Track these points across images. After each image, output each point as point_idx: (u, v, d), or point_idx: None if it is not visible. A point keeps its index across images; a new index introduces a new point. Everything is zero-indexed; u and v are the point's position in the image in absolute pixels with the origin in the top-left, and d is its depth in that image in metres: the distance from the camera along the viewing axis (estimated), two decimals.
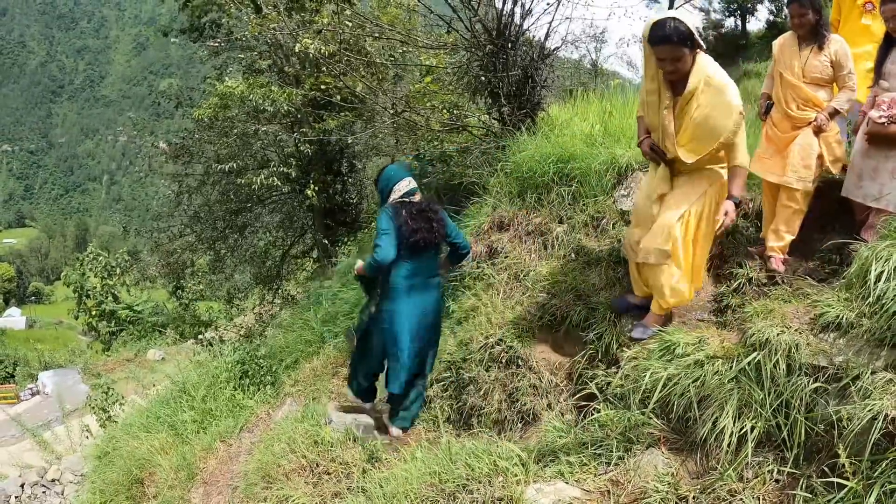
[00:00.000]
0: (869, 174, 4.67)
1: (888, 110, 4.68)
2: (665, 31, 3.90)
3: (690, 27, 3.89)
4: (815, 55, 4.84)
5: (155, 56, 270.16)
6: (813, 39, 4.85)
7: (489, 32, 7.09)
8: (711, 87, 4.00)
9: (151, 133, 16.53)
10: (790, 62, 4.92)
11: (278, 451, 5.33)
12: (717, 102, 4.00)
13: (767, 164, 4.95)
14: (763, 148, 5.09)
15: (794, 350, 3.30)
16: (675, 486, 3.17)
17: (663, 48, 3.94)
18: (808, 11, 4.80)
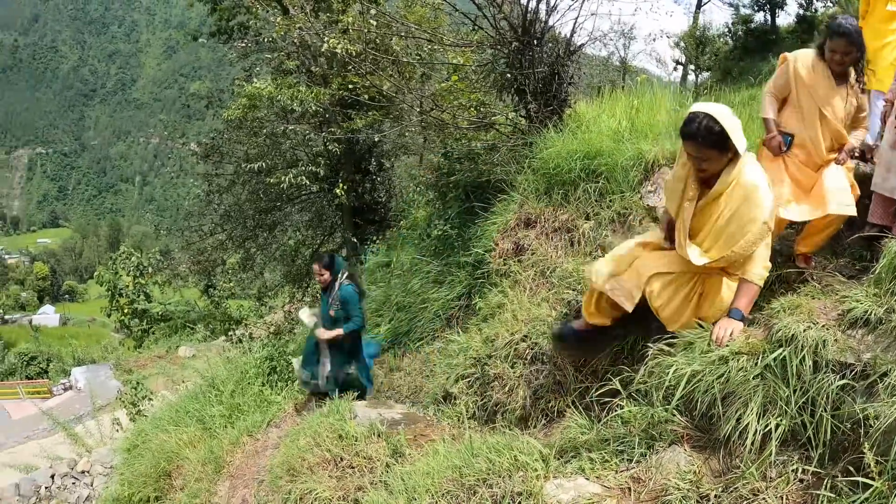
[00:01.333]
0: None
1: None
2: (692, 128, 3.57)
3: (727, 128, 3.50)
4: (851, 98, 4.49)
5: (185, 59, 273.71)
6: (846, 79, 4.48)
7: (514, 30, 7.07)
8: (736, 187, 3.61)
9: (182, 135, 16.75)
10: (829, 100, 4.46)
11: (303, 446, 5.39)
12: (741, 204, 3.59)
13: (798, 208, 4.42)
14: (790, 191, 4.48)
15: (820, 346, 3.23)
16: (697, 483, 3.14)
17: (689, 144, 3.65)
18: (853, 50, 4.39)
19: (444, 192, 7.84)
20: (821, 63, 4.45)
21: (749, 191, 3.55)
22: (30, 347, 41.45)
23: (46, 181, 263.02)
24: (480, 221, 6.79)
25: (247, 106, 11.34)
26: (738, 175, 3.59)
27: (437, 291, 6.92)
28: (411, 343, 6.91)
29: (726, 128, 3.49)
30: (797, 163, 4.52)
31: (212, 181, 13.83)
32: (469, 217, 7.14)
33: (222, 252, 14.38)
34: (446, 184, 7.77)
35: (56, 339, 51.44)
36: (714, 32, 27.71)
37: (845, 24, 4.36)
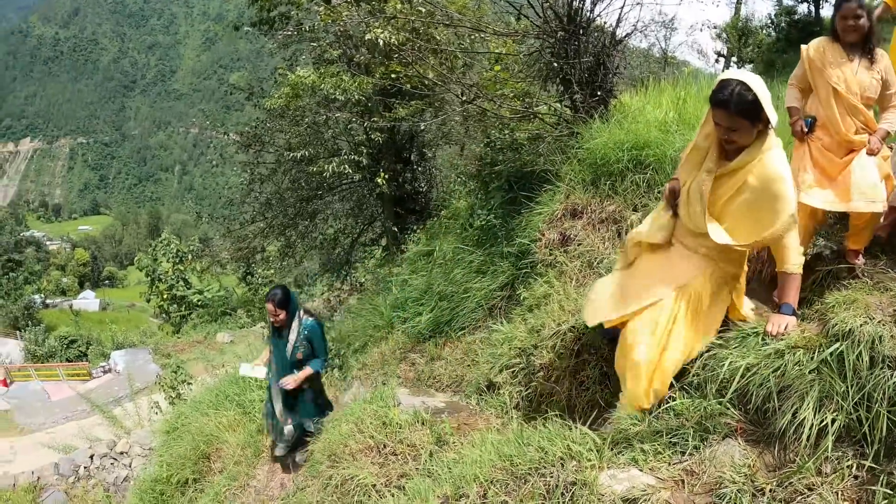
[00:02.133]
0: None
1: None
2: (724, 95, 3.41)
3: (760, 98, 3.36)
4: (868, 71, 4.36)
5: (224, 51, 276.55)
6: (861, 50, 4.38)
7: (560, 19, 7.04)
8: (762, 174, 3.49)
9: (222, 124, 16.92)
10: (844, 76, 4.37)
11: (345, 432, 5.41)
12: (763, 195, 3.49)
13: (823, 194, 4.34)
14: (813, 176, 4.43)
15: (877, 342, 3.19)
16: (752, 477, 3.12)
17: (719, 112, 3.48)
18: (863, 14, 4.31)
19: (486, 182, 7.83)
20: (832, 44, 4.43)
21: (774, 180, 3.44)
22: (70, 331, 42.37)
23: (87, 170, 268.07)
24: (525, 212, 6.76)
25: (290, 94, 11.41)
26: (763, 156, 3.47)
27: (479, 281, 6.91)
28: (452, 332, 6.92)
29: (759, 97, 3.36)
30: (820, 147, 4.46)
31: (253, 170, 13.94)
32: (512, 207, 7.12)
33: (262, 240, 14.52)
34: (489, 174, 7.75)
35: (96, 323, 52.48)
36: (757, 24, 27.23)
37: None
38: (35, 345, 40.08)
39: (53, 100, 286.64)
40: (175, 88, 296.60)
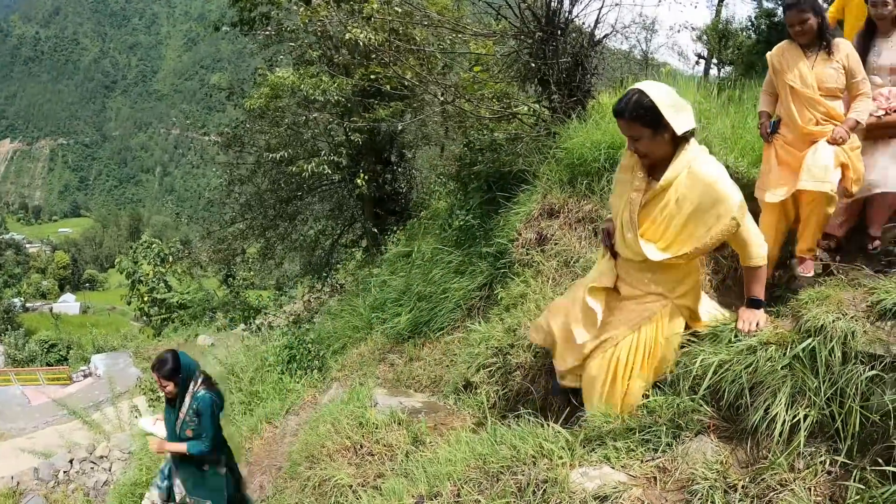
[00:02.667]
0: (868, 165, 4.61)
1: (887, 103, 4.63)
2: (621, 104, 3.34)
3: (658, 104, 3.22)
4: (825, 63, 4.49)
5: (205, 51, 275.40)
6: (818, 45, 4.53)
7: (538, 20, 7.06)
8: (693, 183, 3.34)
9: (203, 126, 16.84)
10: (800, 72, 4.53)
11: (323, 433, 5.42)
12: (701, 203, 3.33)
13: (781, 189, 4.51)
14: (776, 174, 4.60)
15: (849, 337, 3.19)
16: (724, 474, 3.12)
17: (619, 123, 3.41)
18: (808, 16, 4.44)
19: (465, 183, 7.83)
20: (791, 45, 4.62)
21: (708, 186, 3.29)
22: (50, 335, 42.05)
23: (68, 171, 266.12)
24: (503, 212, 6.78)
25: (269, 95, 11.38)
26: (688, 166, 3.34)
27: (457, 281, 6.91)
28: (431, 333, 6.91)
29: (658, 103, 3.22)
30: (783, 143, 4.64)
31: (232, 171, 13.87)
32: (491, 207, 7.13)
33: (242, 241, 14.45)
34: (468, 174, 7.76)
35: (76, 326, 52.07)
36: (737, 26, 27.42)
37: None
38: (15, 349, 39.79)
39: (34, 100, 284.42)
40: (156, 89, 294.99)
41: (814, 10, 4.43)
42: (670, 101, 3.26)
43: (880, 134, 4.66)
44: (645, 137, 3.33)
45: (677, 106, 3.28)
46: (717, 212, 3.30)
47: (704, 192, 3.30)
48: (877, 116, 4.59)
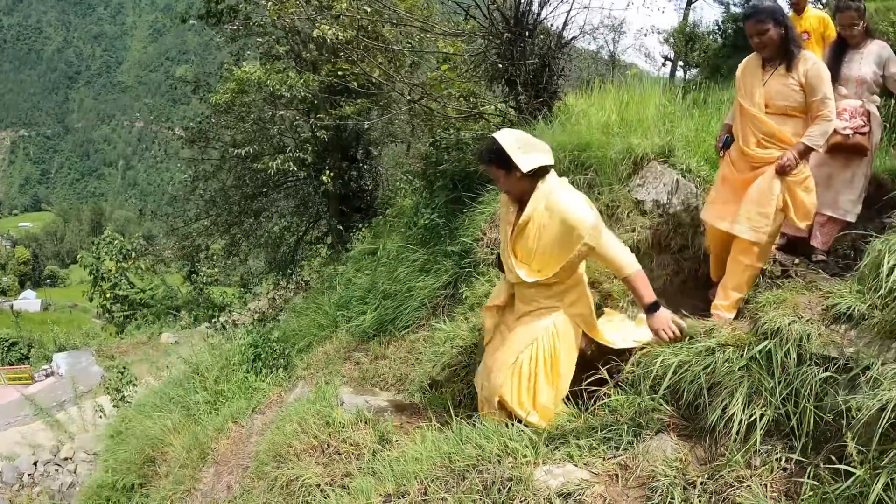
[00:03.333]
0: (824, 182, 4.64)
1: (850, 120, 4.65)
2: (480, 149, 3.91)
3: (506, 147, 3.66)
4: (780, 78, 4.19)
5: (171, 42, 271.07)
6: (780, 59, 4.22)
7: (507, 20, 7.10)
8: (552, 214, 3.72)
9: (167, 119, 16.62)
10: (751, 87, 4.31)
11: (290, 432, 5.39)
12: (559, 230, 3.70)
13: (719, 209, 4.37)
14: (717, 191, 4.49)
15: (805, 340, 3.30)
16: (684, 471, 3.20)
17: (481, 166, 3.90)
18: (768, 27, 4.12)
19: (431, 181, 7.84)
20: (754, 58, 4.39)
21: (564, 216, 3.67)
22: (10, 333, 41.10)
23: (29, 164, 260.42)
24: (468, 211, 6.79)
25: (235, 90, 11.28)
26: (546, 199, 3.73)
27: (423, 280, 6.91)
28: (397, 331, 6.91)
29: (505, 147, 3.65)
30: (729, 160, 4.46)
31: (197, 166, 13.72)
32: (456, 206, 7.14)
33: (206, 238, 14.31)
34: (434, 173, 7.77)
35: (37, 324, 51.00)
36: (704, 30, 27.77)
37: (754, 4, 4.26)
38: None
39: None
40: (120, 80, 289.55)
41: (775, 21, 4.12)
42: (518, 144, 3.69)
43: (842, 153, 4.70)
44: (501, 178, 3.81)
45: (526, 148, 3.70)
46: (572, 237, 3.66)
47: (561, 220, 3.68)
48: (843, 135, 4.62)
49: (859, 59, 4.93)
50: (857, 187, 4.76)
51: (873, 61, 4.89)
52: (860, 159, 4.78)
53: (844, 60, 4.96)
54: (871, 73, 4.89)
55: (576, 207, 3.68)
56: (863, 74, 4.89)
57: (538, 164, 3.70)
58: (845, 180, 4.72)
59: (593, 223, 3.65)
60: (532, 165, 3.67)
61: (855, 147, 4.70)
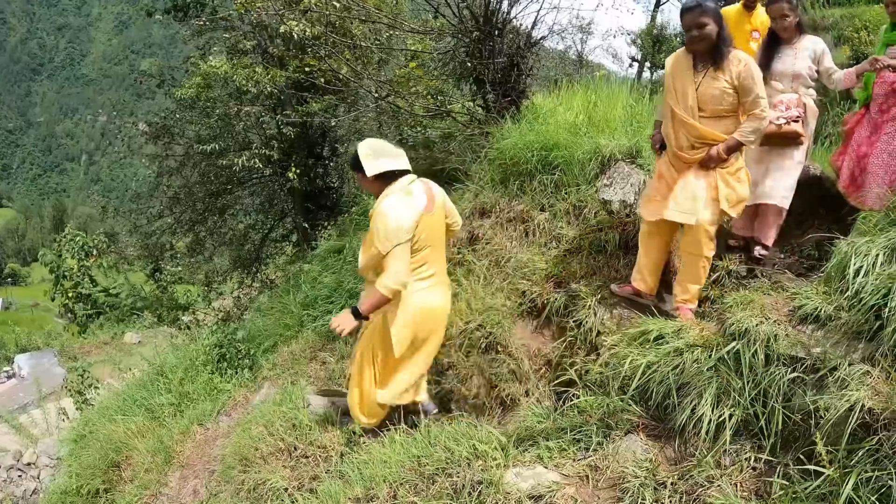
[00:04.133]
0: (761, 173, 4.71)
1: (786, 111, 4.68)
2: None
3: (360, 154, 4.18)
4: (712, 79, 4.13)
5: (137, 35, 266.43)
6: (711, 59, 4.14)
7: (476, 19, 7.06)
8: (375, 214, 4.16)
9: (131, 113, 16.36)
10: (683, 90, 4.23)
11: (256, 435, 5.31)
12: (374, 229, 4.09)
13: (657, 206, 4.36)
14: (654, 188, 4.46)
15: (772, 340, 3.34)
16: (654, 471, 3.21)
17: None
18: (708, 21, 4.05)
19: None
20: (685, 55, 4.30)
21: (376, 218, 4.10)
22: None
23: None
24: None
25: (201, 85, 11.12)
26: (379, 203, 4.16)
27: None
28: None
29: (359, 153, 4.18)
30: (667, 160, 4.45)
31: (161, 162, 13.52)
32: None
33: (170, 236, 14.11)
34: None
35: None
36: (671, 31, 27.99)
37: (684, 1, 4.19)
38: None
39: None
40: (84, 73, 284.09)
41: (714, 18, 4.06)
42: (370, 151, 4.20)
43: (777, 142, 4.71)
44: (359, 179, 4.32)
45: (376, 154, 4.18)
46: (374, 239, 4.05)
47: (374, 221, 4.14)
48: (777, 125, 4.62)
49: (793, 54, 4.91)
50: (793, 175, 4.77)
51: (808, 56, 4.89)
52: (795, 147, 4.78)
53: (778, 55, 4.94)
54: (807, 69, 4.88)
55: (385, 215, 4.03)
56: (798, 69, 4.88)
57: (383, 169, 4.13)
58: (781, 168, 4.72)
59: (389, 234, 3.98)
60: (376, 170, 4.13)
61: (789, 135, 4.69)
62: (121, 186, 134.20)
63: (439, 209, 4.34)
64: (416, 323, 4.30)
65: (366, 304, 4.13)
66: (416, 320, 4.29)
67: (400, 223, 3.99)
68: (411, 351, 4.41)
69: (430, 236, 4.23)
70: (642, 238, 4.60)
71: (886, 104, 4.71)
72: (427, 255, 4.27)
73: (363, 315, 4.18)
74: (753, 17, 6.13)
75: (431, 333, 4.42)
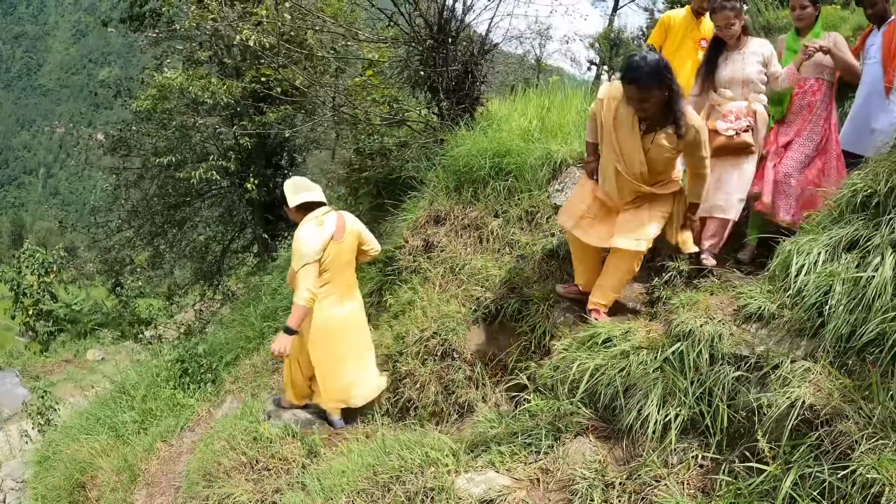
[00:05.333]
0: (713, 185, 4.66)
1: (735, 122, 4.66)
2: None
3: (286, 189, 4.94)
4: (661, 144, 4.07)
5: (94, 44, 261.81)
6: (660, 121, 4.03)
7: (430, 27, 7.07)
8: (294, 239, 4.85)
9: (89, 124, 16.16)
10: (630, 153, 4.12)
11: (218, 450, 5.29)
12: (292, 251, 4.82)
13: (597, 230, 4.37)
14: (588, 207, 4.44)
15: (717, 340, 3.40)
16: (602, 472, 3.25)
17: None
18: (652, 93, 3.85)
19: (355, 188, 7.81)
20: (626, 109, 4.09)
21: (294, 243, 4.81)
22: None
23: None
24: (391, 218, 6.80)
25: (156, 97, 11.03)
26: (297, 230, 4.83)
27: None
28: None
29: (286, 189, 4.95)
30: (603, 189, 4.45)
31: (119, 175, 13.37)
32: (380, 213, 7.14)
33: (130, 250, 13.94)
34: (357, 179, 7.74)
35: None
36: (629, 35, 28.25)
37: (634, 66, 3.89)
38: None
39: None
40: (41, 84, 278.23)
41: (659, 83, 3.85)
42: (293, 187, 4.95)
43: (728, 154, 4.69)
44: (285, 209, 5.02)
45: (297, 189, 4.92)
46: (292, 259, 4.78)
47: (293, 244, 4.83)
48: (727, 136, 4.62)
49: (741, 60, 4.86)
50: (744, 187, 4.76)
51: (757, 61, 4.85)
52: (746, 157, 4.77)
53: (724, 61, 4.91)
54: (756, 73, 4.85)
55: (300, 238, 4.74)
56: (748, 74, 4.84)
57: (301, 201, 4.85)
58: (733, 180, 4.69)
59: (300, 254, 4.66)
60: (296, 202, 4.86)
61: (740, 146, 4.68)
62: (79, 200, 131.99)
63: (349, 238, 4.96)
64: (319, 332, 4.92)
65: (291, 319, 4.66)
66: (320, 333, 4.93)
67: (309, 247, 4.66)
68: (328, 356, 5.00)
69: (335, 260, 4.87)
70: (574, 248, 4.65)
71: (801, 115, 4.87)
72: (331, 277, 4.88)
73: (294, 329, 4.67)
74: (702, 25, 6.00)
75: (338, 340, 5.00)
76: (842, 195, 3.61)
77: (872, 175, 3.48)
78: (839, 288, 3.14)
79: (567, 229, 4.52)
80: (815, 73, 4.88)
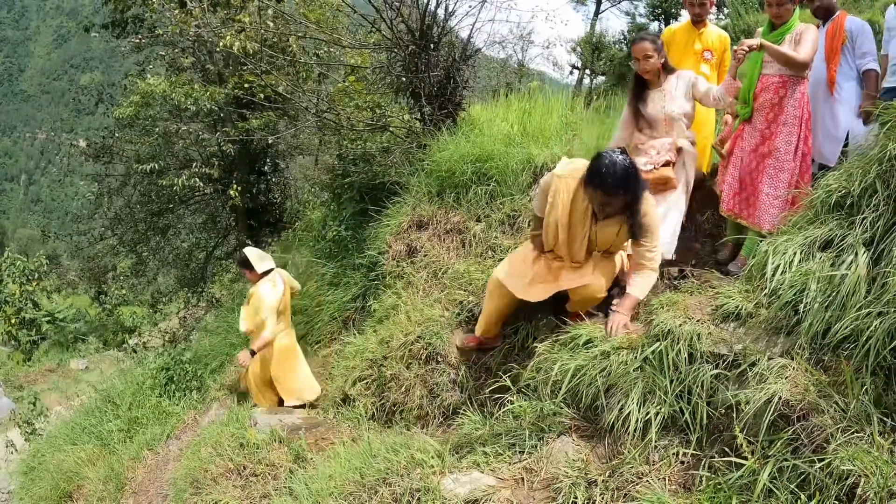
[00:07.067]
0: None
1: (656, 156, 4.58)
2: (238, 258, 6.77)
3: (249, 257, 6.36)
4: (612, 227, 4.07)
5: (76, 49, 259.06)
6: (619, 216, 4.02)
7: (412, 33, 7.11)
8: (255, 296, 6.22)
9: (71, 130, 16.06)
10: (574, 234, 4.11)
11: (205, 456, 5.32)
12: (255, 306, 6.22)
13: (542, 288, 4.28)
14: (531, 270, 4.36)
15: (695, 339, 3.44)
16: (585, 470, 3.30)
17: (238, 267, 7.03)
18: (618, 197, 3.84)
19: (338, 194, 7.83)
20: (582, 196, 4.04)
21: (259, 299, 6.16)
22: None
23: None
24: (374, 223, 6.84)
25: (139, 103, 10.99)
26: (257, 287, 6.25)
27: (332, 294, 6.95)
28: (309, 346, 6.91)
29: (251, 259, 6.33)
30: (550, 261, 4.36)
31: (102, 182, 13.30)
32: (363, 219, 7.17)
33: (113, 257, 13.86)
34: (341, 185, 7.76)
35: None
36: (610, 39, 28.40)
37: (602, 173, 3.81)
38: None
39: None
40: (22, 89, 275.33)
41: (625, 192, 3.84)
42: (257, 257, 6.39)
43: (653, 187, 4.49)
44: (246, 274, 6.54)
45: (261, 259, 6.38)
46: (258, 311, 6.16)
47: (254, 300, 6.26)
48: (646, 171, 4.47)
49: (662, 98, 4.72)
50: (672, 222, 4.66)
51: (681, 95, 4.71)
52: (671, 193, 4.65)
53: (643, 101, 4.76)
54: (679, 109, 4.70)
55: (263, 297, 6.10)
56: (670, 112, 4.70)
57: (266, 269, 6.32)
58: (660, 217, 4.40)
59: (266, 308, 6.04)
60: (262, 269, 6.30)
61: (660, 180, 4.55)
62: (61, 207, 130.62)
63: (287, 287, 6.39)
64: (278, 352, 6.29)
65: (257, 345, 6.06)
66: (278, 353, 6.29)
67: (272, 302, 6.06)
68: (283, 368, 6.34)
69: (284, 307, 6.35)
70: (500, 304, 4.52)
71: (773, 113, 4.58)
72: (283, 318, 6.32)
73: (255, 352, 6.07)
74: (703, 36, 5.67)
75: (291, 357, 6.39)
76: (817, 195, 3.66)
77: (847, 175, 3.54)
78: (814, 286, 3.19)
79: (517, 295, 4.31)
80: (777, 69, 4.58)
